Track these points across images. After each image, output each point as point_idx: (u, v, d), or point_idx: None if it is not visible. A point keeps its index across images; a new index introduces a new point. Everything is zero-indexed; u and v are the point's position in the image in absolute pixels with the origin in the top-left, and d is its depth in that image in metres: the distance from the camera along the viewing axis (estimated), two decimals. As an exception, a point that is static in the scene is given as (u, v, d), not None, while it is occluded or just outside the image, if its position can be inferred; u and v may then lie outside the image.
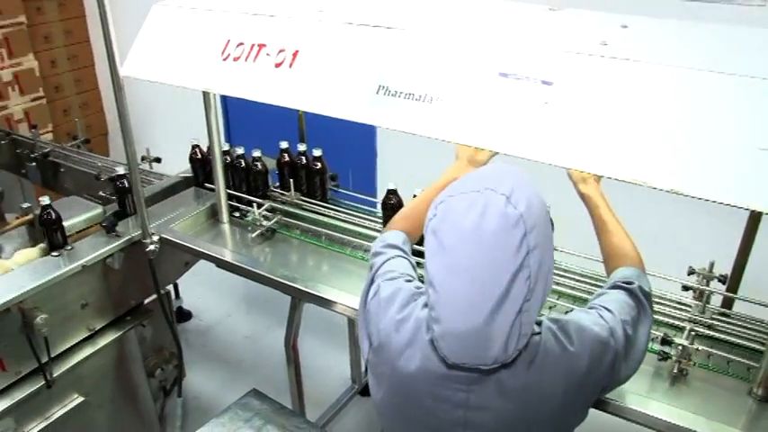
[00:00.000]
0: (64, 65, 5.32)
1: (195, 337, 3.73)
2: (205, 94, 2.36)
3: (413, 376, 1.37)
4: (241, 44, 1.95)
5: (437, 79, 1.57)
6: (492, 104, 1.48)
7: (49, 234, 2.36)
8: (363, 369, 3.27)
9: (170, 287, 3.11)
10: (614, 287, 1.55)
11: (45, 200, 2.35)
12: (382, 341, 1.43)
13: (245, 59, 1.91)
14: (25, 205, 2.57)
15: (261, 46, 1.91)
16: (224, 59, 1.96)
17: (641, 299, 1.53)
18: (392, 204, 2.30)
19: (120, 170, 2.55)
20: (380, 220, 2.41)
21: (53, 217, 2.34)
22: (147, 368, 2.81)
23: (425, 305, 1.38)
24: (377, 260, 1.61)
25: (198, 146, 2.72)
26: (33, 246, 2.45)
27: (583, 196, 1.78)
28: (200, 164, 2.76)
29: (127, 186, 2.53)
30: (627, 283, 1.54)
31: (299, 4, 2.01)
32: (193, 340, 3.67)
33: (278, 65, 1.84)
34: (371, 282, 1.56)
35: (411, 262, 1.63)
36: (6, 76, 4.85)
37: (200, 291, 3.94)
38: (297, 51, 1.83)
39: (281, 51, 1.86)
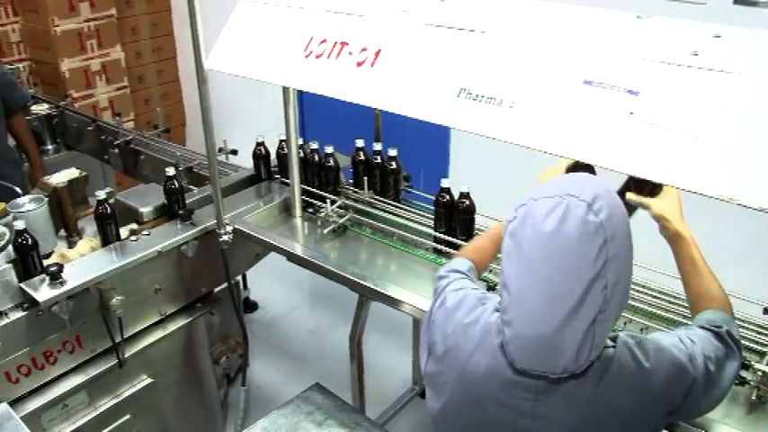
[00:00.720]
0: (148, 56, 5.49)
1: (260, 328, 3.79)
2: (284, 90, 2.40)
3: (480, 380, 1.36)
4: (324, 42, 1.97)
5: (519, 84, 1.56)
6: (574, 112, 1.45)
7: (102, 228, 2.39)
8: (425, 372, 3.26)
9: (239, 277, 3.17)
10: (701, 328, 1.48)
11: (101, 194, 2.36)
12: (449, 346, 1.42)
13: (328, 57, 1.94)
14: (108, 190, 2.64)
15: (343, 44, 1.93)
16: (306, 56, 1.98)
17: (729, 343, 1.45)
18: (444, 202, 2.30)
19: (171, 171, 2.54)
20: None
21: (108, 212, 2.37)
22: (212, 355, 2.88)
23: (496, 310, 1.37)
24: (442, 282, 1.60)
25: (263, 143, 2.75)
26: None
27: (668, 231, 1.64)
28: (264, 160, 2.81)
29: (176, 187, 2.52)
30: (715, 326, 1.47)
31: (383, 4, 2.01)
32: (258, 331, 3.73)
33: (360, 63, 1.86)
34: (437, 299, 1.55)
35: (476, 285, 1.61)
36: (95, 65, 5.04)
37: (267, 283, 4.00)
38: (379, 51, 1.84)
39: (363, 50, 1.87)
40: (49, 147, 3.99)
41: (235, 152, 3.00)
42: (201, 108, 2.21)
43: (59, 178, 2.61)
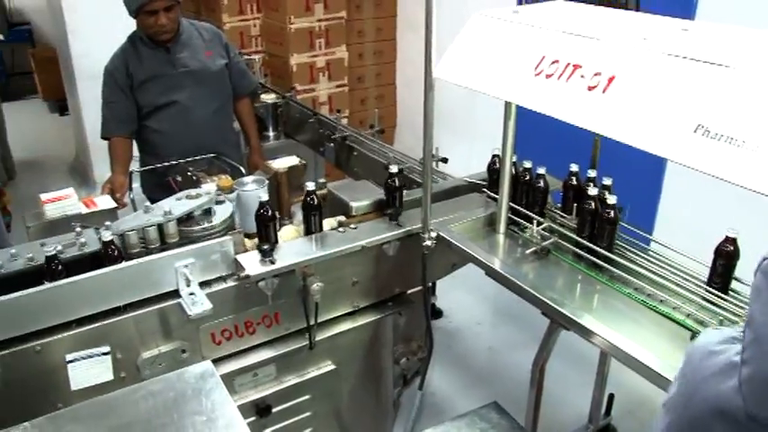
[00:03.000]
0: (369, 58, 5.74)
1: (442, 336, 3.82)
2: (507, 106, 2.40)
3: (705, 417, 1.27)
4: (556, 62, 1.96)
5: (765, 126, 1.45)
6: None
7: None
8: (603, 411, 3.14)
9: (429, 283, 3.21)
10: None
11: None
12: (686, 372, 1.35)
13: (558, 78, 1.92)
14: (321, 180, 2.78)
15: (576, 67, 1.90)
16: (536, 75, 1.98)
17: None
18: (589, 209, 2.30)
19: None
20: (654, 259, 2.31)
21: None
22: (394, 354, 2.93)
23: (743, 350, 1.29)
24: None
25: (498, 155, 2.75)
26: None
27: None
28: (497, 174, 2.78)
29: (315, 203, 2.48)
30: None
31: (622, 30, 1.96)
32: (439, 339, 3.74)
33: (591, 88, 1.82)
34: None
35: None
36: (320, 62, 5.36)
37: (455, 293, 4.03)
38: (613, 77, 1.79)
39: (596, 75, 1.83)
40: (271, 133, 4.28)
41: (445, 160, 3.04)
42: (425, 115, 2.26)
43: (281, 164, 2.78)
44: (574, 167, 2.50)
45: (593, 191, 2.32)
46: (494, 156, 2.72)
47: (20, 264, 2.20)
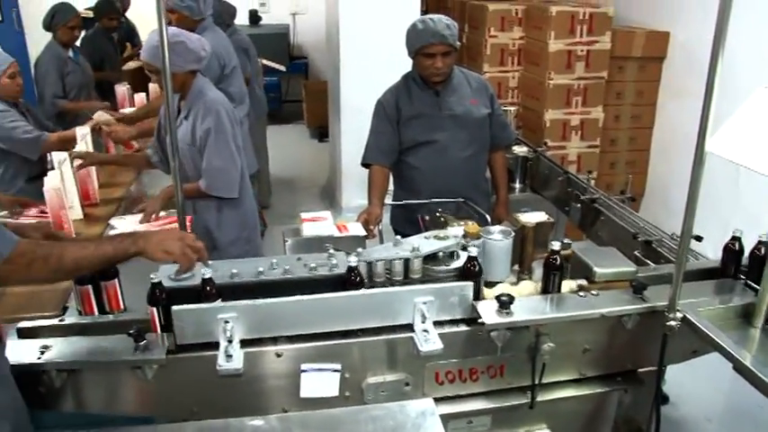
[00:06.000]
0: (626, 122, 5.59)
1: (665, 424, 3.47)
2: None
3: None
4: None
5: None
6: None
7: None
8: None
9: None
10: None
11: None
12: None
13: None
14: (566, 241, 2.74)
15: None
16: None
17: None
18: None
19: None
20: None
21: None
22: (612, 432, 2.80)
23: None
24: None
25: (739, 238, 2.56)
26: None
27: None
28: (734, 256, 2.60)
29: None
30: None
31: None
32: (662, 427, 3.52)
33: None
34: None
35: None
36: (574, 120, 5.32)
37: (686, 380, 3.74)
38: None
39: None
40: (517, 185, 4.31)
41: (699, 238, 2.86)
42: (690, 190, 2.15)
43: (529, 218, 2.78)
44: None
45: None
46: (759, 242, 2.51)
47: (278, 273, 2.39)
